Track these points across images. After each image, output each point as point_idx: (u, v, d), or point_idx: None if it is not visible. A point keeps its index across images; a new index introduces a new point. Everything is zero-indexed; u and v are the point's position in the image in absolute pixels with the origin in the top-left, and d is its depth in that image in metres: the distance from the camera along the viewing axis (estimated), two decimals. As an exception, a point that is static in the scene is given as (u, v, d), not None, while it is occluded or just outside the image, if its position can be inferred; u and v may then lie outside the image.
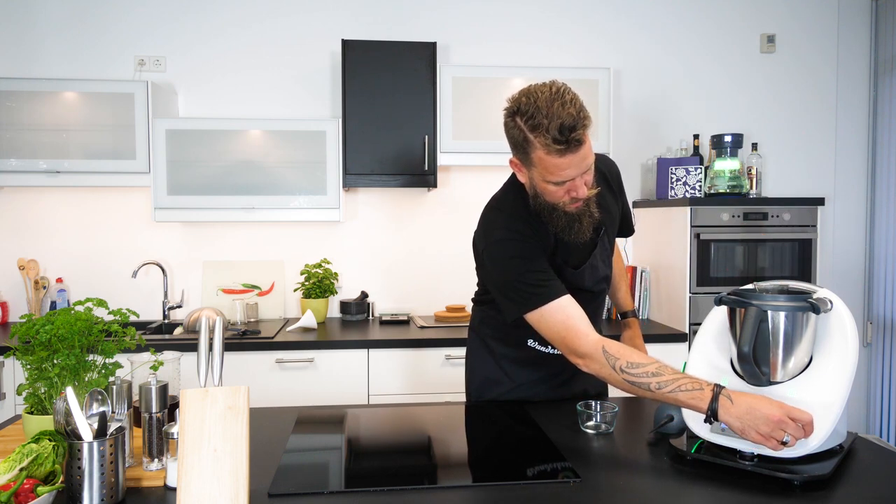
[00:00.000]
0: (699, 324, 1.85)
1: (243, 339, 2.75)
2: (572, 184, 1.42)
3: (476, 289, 1.87)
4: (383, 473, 1.29)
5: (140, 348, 1.55)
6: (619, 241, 1.97)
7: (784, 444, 1.20)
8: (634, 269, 3.26)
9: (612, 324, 3.15)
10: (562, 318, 1.45)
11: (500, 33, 3.39)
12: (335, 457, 1.39)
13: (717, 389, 1.26)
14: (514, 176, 1.59)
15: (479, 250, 1.62)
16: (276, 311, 3.30)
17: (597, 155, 1.60)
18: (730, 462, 1.26)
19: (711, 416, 1.25)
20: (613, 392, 1.93)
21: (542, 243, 1.54)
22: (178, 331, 3.07)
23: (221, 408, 1.13)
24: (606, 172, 1.69)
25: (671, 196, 3.18)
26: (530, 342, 1.72)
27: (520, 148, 1.43)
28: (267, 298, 3.29)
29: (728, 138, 3.12)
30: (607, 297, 1.90)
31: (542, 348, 1.71)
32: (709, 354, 1.43)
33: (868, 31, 3.58)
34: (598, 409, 1.51)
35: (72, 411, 1.14)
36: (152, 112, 2.91)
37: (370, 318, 3.28)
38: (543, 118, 1.34)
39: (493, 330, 1.78)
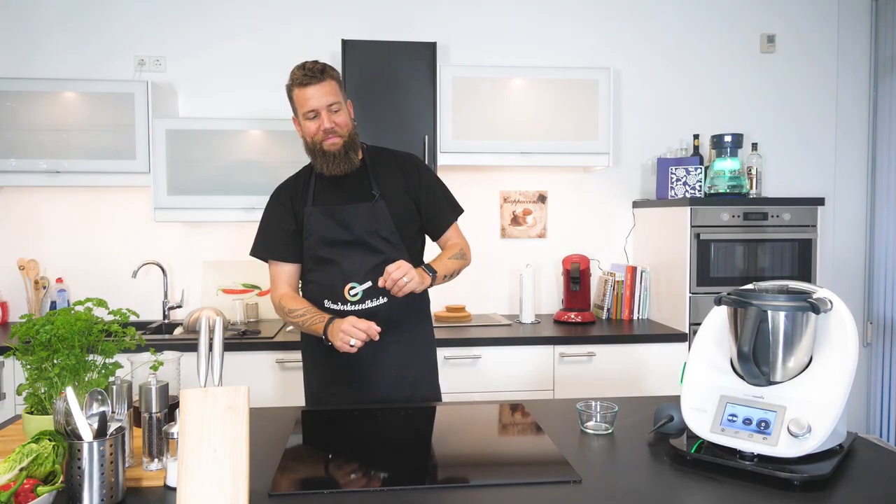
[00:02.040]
0: (699, 324, 1.85)
1: (243, 339, 2.75)
2: (320, 119, 1.86)
3: None
4: (383, 473, 1.29)
5: (140, 348, 1.55)
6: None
7: (351, 346, 1.69)
8: (634, 269, 3.26)
9: (611, 323, 3.15)
10: (274, 273, 1.97)
11: (500, 33, 3.39)
12: (335, 457, 1.39)
13: (328, 321, 1.77)
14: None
15: None
16: (276, 311, 3.30)
17: (401, 152, 2.05)
18: (730, 462, 1.26)
19: (324, 337, 1.77)
20: (613, 392, 1.94)
21: (291, 208, 1.94)
22: (178, 331, 3.07)
23: (221, 408, 1.13)
24: (402, 163, 2.00)
25: (671, 196, 3.18)
26: (326, 302, 1.88)
27: (289, 99, 1.92)
28: (267, 298, 3.29)
29: (728, 138, 3.12)
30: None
31: (334, 306, 1.87)
32: (709, 354, 1.43)
33: (868, 31, 3.58)
34: (598, 409, 1.52)
35: (72, 411, 1.14)
36: (152, 112, 2.91)
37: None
38: (296, 68, 1.89)
39: (313, 295, 1.94)
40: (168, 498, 1.18)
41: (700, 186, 3.14)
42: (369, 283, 1.84)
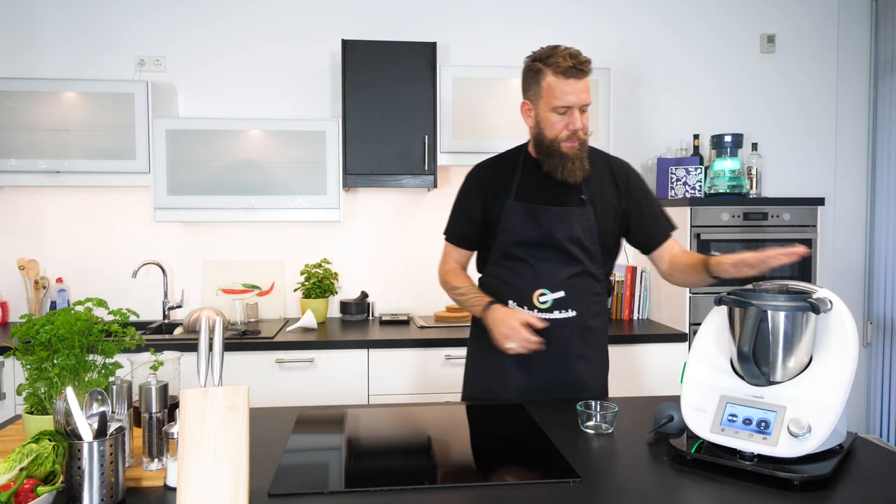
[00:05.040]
0: (699, 324, 1.85)
1: (243, 339, 2.75)
2: (571, 117, 1.69)
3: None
4: (383, 473, 1.29)
5: (140, 348, 1.55)
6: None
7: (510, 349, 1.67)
8: (634, 269, 3.26)
9: (611, 323, 3.15)
10: (448, 250, 1.96)
11: (500, 33, 3.39)
12: (335, 457, 1.39)
13: (487, 304, 1.75)
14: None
15: None
16: (276, 311, 3.30)
17: (614, 157, 1.90)
18: (730, 462, 1.26)
19: (482, 318, 1.76)
20: (613, 392, 1.94)
21: (483, 197, 1.85)
22: (178, 331, 3.07)
23: (221, 408, 1.13)
24: (613, 166, 1.86)
25: (671, 196, 3.18)
26: (510, 303, 1.80)
27: (532, 81, 1.74)
28: (267, 298, 3.29)
29: (728, 138, 3.12)
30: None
31: (520, 309, 1.79)
32: (709, 354, 1.43)
33: (868, 31, 3.58)
34: (598, 409, 1.51)
35: (72, 411, 1.14)
36: (152, 112, 2.91)
37: (370, 318, 3.28)
38: (556, 51, 1.69)
39: (496, 291, 1.85)
40: (168, 498, 1.18)
41: (700, 186, 3.14)
42: (562, 294, 1.74)
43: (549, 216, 1.76)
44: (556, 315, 1.76)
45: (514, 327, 1.66)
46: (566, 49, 1.69)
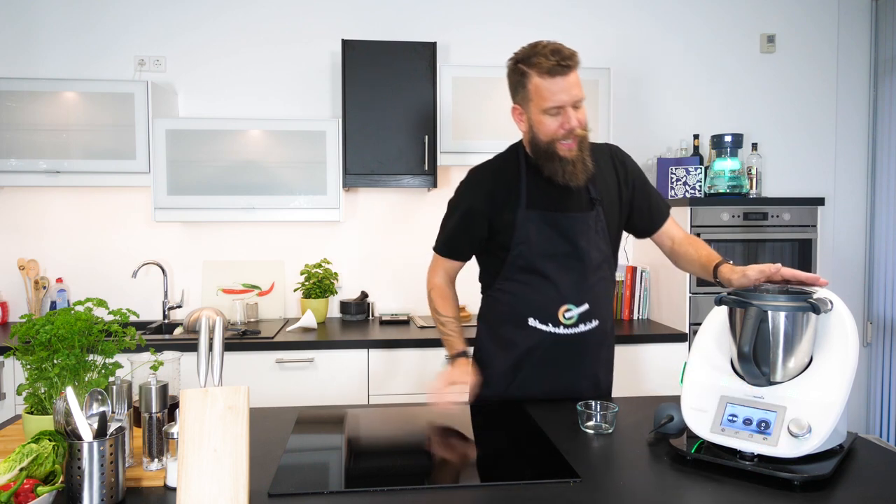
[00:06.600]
0: (699, 324, 1.85)
1: (243, 339, 2.75)
2: (565, 115, 1.60)
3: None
4: (383, 473, 1.29)
5: (140, 348, 1.55)
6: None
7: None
8: (634, 269, 3.26)
9: (622, 324, 3.14)
10: (435, 265, 1.91)
11: (500, 33, 3.39)
12: (335, 457, 1.39)
13: (455, 356, 1.81)
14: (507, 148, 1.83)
15: None
16: (276, 311, 3.30)
17: (612, 145, 1.84)
18: (730, 462, 1.26)
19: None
20: (613, 392, 1.94)
21: (490, 210, 1.73)
22: (178, 331, 3.07)
23: (221, 408, 1.13)
24: (614, 157, 1.80)
25: (671, 196, 3.18)
26: (531, 321, 1.73)
27: (518, 86, 1.65)
28: (267, 298, 3.29)
29: (728, 138, 3.12)
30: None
31: (543, 326, 1.71)
32: (709, 354, 1.43)
33: (868, 31, 3.58)
34: (598, 409, 1.51)
35: (72, 411, 1.14)
36: (152, 112, 2.91)
37: (370, 318, 3.28)
38: (537, 50, 1.60)
39: (498, 314, 1.80)
40: (168, 498, 1.18)
41: (700, 186, 3.14)
42: (587, 306, 1.69)
43: (570, 224, 1.68)
44: (581, 328, 1.71)
45: (445, 392, 1.70)
46: (547, 45, 1.59)
